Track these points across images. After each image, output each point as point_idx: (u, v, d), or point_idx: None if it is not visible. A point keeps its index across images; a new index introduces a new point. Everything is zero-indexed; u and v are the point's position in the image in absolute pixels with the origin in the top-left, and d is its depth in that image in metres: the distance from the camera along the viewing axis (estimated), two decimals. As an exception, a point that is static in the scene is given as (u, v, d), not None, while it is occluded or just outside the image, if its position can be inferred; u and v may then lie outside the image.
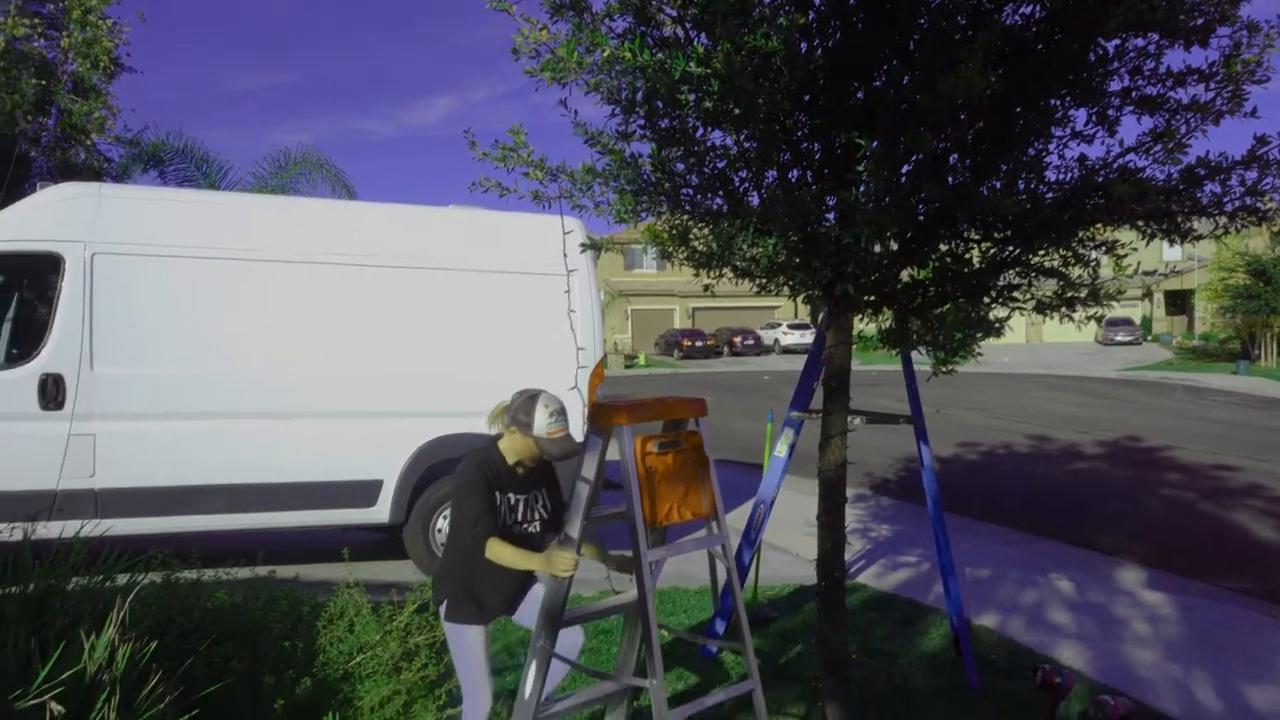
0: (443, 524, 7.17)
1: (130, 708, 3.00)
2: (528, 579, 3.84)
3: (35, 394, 6.23)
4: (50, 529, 4.40)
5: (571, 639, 3.85)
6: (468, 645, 3.71)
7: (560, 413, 3.67)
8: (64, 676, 2.88)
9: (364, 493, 6.98)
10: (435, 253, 7.27)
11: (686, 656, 5.28)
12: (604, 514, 3.68)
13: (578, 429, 4.17)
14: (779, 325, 50.53)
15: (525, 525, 3.71)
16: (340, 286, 6.95)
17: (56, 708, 2.73)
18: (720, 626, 5.29)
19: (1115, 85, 3.73)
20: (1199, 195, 3.52)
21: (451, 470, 7.10)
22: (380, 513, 7.03)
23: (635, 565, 3.31)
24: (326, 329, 6.91)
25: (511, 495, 3.68)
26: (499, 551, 3.53)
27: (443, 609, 3.73)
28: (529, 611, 3.78)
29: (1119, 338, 48.10)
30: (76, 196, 6.56)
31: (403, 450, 7.05)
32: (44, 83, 12.52)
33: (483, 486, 3.58)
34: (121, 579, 3.87)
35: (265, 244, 6.82)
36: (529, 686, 3.47)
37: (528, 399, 3.67)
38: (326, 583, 4.91)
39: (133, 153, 14.17)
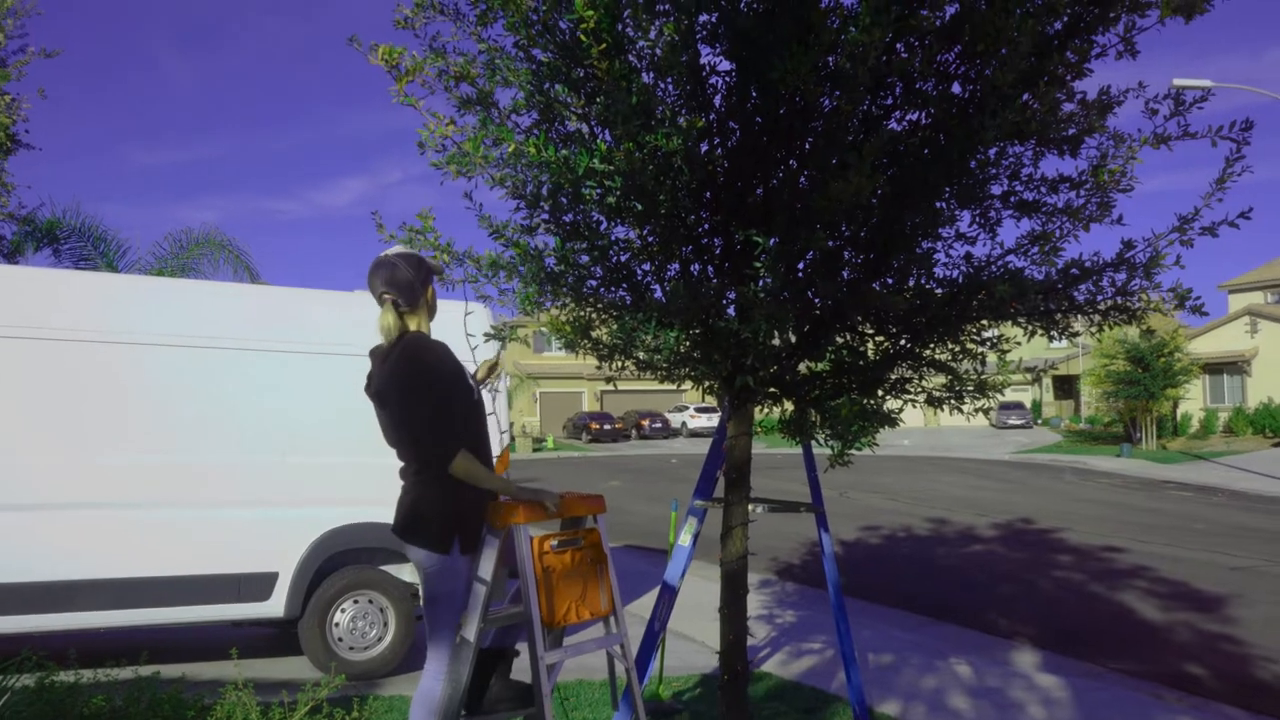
0: (340, 618, 6.93)
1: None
2: None
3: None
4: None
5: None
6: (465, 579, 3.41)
7: None
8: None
9: (258, 586, 6.71)
10: (336, 337, 7.13)
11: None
12: (501, 614, 3.56)
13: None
14: (687, 409, 50.90)
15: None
16: (232, 372, 6.74)
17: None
18: (623, 723, 5.19)
19: (996, 189, 3.96)
20: (1074, 294, 3.73)
21: (352, 561, 6.95)
22: (275, 607, 6.75)
23: (532, 669, 3.22)
24: (217, 415, 6.68)
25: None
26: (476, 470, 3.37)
27: (454, 547, 3.37)
28: None
29: (1011, 421, 49.83)
30: None
31: (300, 541, 6.82)
32: (-66, 158, 12.09)
33: (464, 374, 3.51)
34: (-10, 684, 3.64)
35: (151, 327, 6.58)
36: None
37: (417, 261, 3.54)
38: (215, 682, 4.70)
39: (26, 230, 13.68)
